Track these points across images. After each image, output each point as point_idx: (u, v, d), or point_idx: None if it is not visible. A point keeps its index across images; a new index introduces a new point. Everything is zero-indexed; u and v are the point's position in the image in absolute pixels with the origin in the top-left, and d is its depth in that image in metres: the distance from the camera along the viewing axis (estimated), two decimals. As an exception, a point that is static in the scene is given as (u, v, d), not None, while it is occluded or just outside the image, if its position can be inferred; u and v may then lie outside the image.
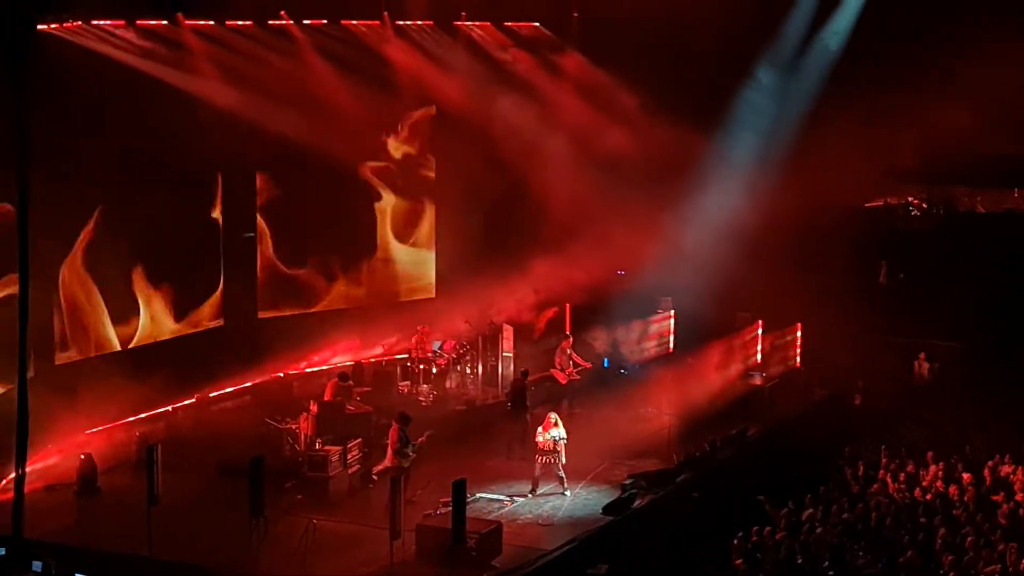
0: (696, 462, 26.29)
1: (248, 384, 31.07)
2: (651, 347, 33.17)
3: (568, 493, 24.65)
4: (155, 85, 28.35)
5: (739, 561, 21.35)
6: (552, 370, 30.02)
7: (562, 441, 24.69)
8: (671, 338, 33.57)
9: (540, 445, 24.71)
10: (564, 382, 29.80)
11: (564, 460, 24.70)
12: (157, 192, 28.75)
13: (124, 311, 29.07)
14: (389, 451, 24.22)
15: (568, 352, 30.05)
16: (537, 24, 34.20)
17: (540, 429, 24.83)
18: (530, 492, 24.67)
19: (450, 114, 32.86)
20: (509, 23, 33.97)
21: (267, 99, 30.07)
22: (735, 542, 22.13)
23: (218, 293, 31.57)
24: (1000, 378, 30.97)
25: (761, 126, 33.42)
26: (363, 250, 34.32)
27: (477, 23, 33.66)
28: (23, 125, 18.10)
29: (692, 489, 25.29)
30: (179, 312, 30.51)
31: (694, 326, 32.51)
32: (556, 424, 24.79)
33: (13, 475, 21.86)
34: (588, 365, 30.30)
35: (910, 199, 37.86)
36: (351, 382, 28.52)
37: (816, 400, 31.38)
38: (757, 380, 31.37)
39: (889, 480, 25.33)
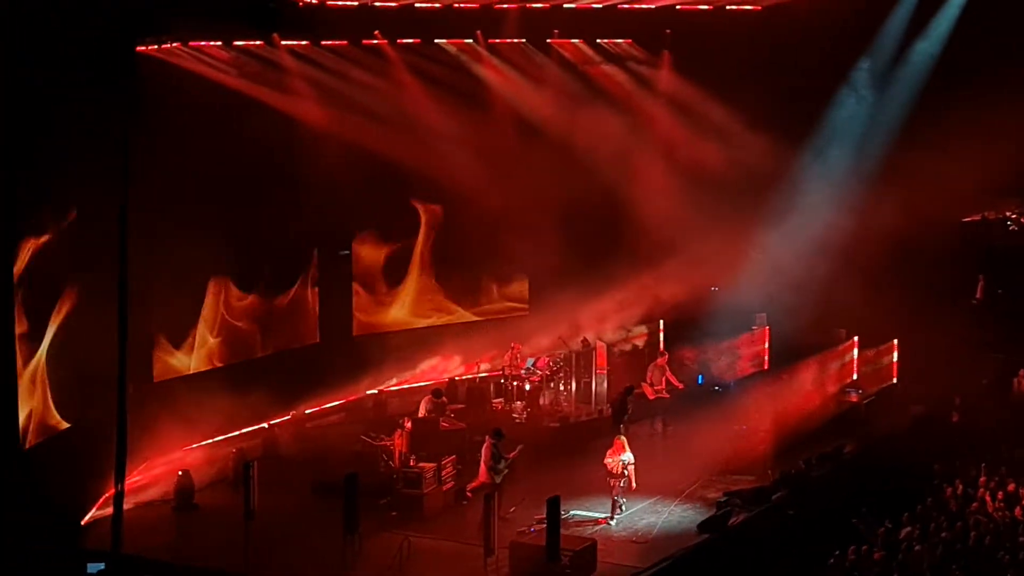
0: (792, 480, 26.07)
1: (343, 401, 31.28)
2: (745, 364, 32.96)
3: (613, 523, 24.11)
4: (252, 104, 28.65)
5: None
6: (643, 384, 29.93)
7: (631, 465, 24.40)
8: (766, 355, 33.33)
9: (609, 468, 24.48)
10: (652, 397, 29.73)
11: (635, 484, 24.45)
12: (255, 209, 29.12)
13: (221, 327, 29.36)
14: (482, 467, 24.26)
15: (663, 368, 29.96)
16: (630, 40, 34.15)
17: (609, 452, 24.59)
18: (620, 509, 24.50)
19: (543, 130, 32.85)
20: (602, 40, 33.95)
21: (362, 118, 30.28)
22: (831, 561, 21.91)
23: (314, 310, 31.81)
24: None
25: (856, 139, 33.11)
26: (454, 267, 34.40)
27: (570, 40, 33.67)
28: (125, 146, 18.41)
29: (788, 507, 25.08)
30: (276, 329, 30.79)
31: (789, 342, 32.25)
32: (625, 448, 24.56)
33: (112, 491, 22.17)
34: (680, 385, 30.14)
35: (1008, 213, 37.27)
36: (444, 398, 28.62)
37: (913, 417, 30.94)
38: (853, 397, 31.07)
39: (988, 499, 24.93)
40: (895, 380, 32.44)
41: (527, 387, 30.88)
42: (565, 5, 32.09)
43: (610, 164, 32.44)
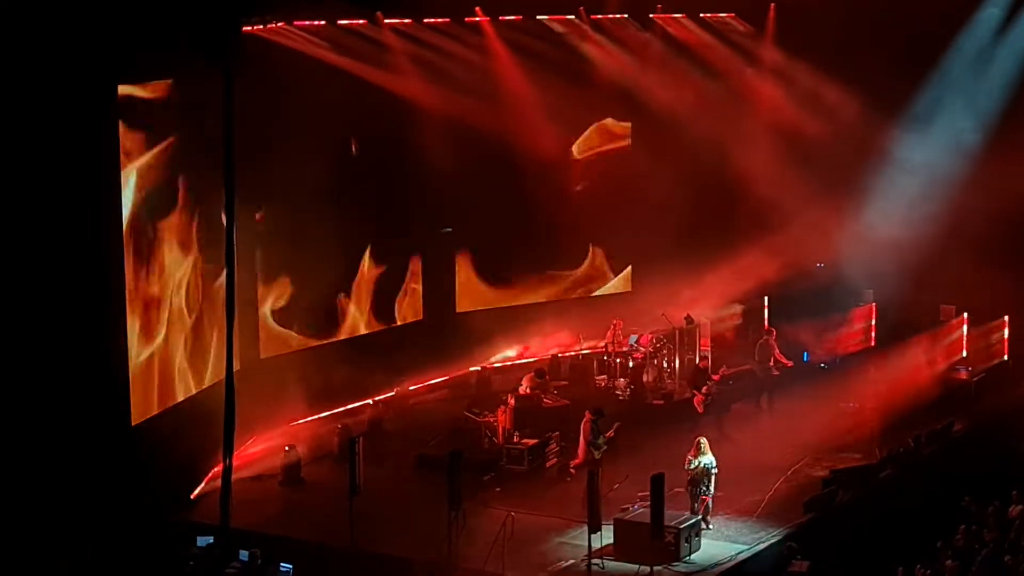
0: (900, 458, 25.77)
1: (447, 377, 31.38)
2: (852, 340, 32.61)
3: (711, 527, 22.84)
4: (353, 83, 28.74)
5: (949, 561, 20.79)
6: (750, 363, 29.68)
7: (713, 471, 22.77)
8: (873, 331, 32.94)
9: (689, 474, 22.86)
10: (761, 376, 29.46)
11: (714, 490, 22.91)
12: (359, 188, 29.25)
13: (326, 305, 29.54)
14: (581, 444, 24.22)
15: (771, 345, 29.63)
16: (732, 14, 33.86)
17: (689, 456, 22.99)
18: (705, 525, 22.86)
19: (646, 107, 32.67)
20: (704, 14, 33.69)
21: (464, 96, 30.26)
22: (939, 543, 21.62)
23: (418, 287, 31.90)
24: None
25: (967, 109, 32.46)
26: (557, 246, 34.30)
27: (672, 15, 33.46)
28: (229, 124, 18.46)
29: (896, 485, 24.80)
30: (379, 306, 30.94)
31: (897, 318, 31.89)
32: (704, 450, 22.90)
33: (221, 466, 22.40)
34: (789, 363, 29.68)
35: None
36: (548, 377, 28.62)
37: (1024, 395, 30.50)
38: (962, 374, 30.63)
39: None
40: (1006, 357, 31.93)
41: (630, 364, 30.80)
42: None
43: (714, 139, 32.21)
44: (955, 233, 30.92)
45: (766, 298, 32.47)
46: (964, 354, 31.49)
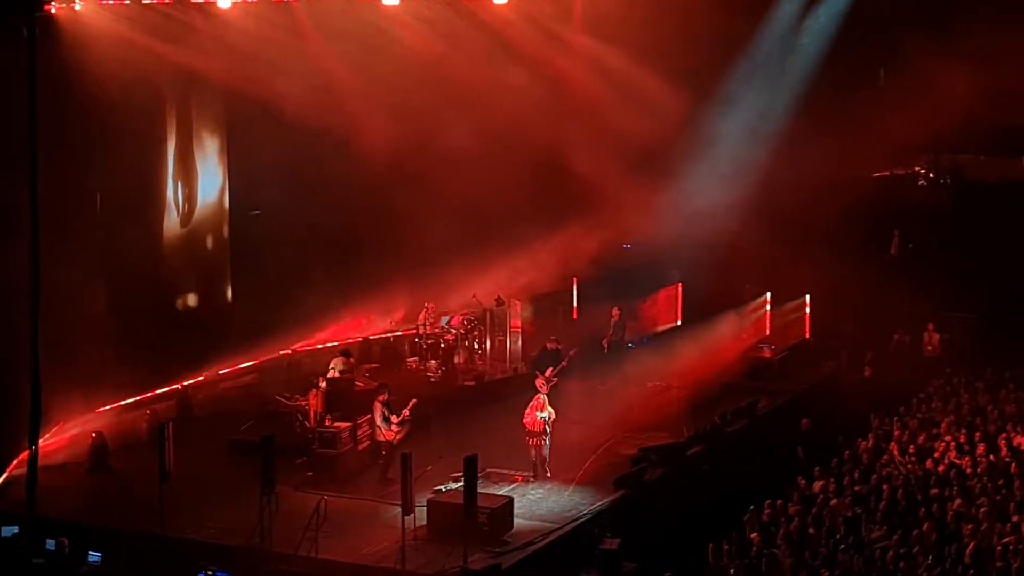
0: (706, 435, 26.28)
1: (257, 361, 31.05)
2: (658, 320, 33.12)
3: (547, 473, 24.25)
4: (166, 64, 28.22)
5: (754, 535, 21.31)
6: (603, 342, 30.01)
7: (549, 424, 24.23)
8: (679, 310, 33.51)
9: (528, 427, 24.28)
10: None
11: (549, 443, 24.28)
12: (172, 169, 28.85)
13: (137, 289, 29.00)
14: (375, 428, 24.30)
15: (624, 323, 30.10)
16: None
17: (527, 411, 24.32)
18: (532, 477, 24.34)
19: (457, 88, 32.65)
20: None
21: (275, 77, 29.89)
22: (747, 516, 22.14)
23: (228, 270, 31.51)
24: (1013, 349, 30.64)
25: (764, 97, 33.16)
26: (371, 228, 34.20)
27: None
28: (33, 109, 18.04)
29: (703, 462, 25.29)
30: (188, 290, 30.50)
31: (702, 298, 32.47)
32: (544, 405, 24.31)
33: (25, 453, 21.92)
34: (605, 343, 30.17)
35: (917, 169, 37.67)
36: (353, 360, 28.47)
37: (825, 372, 31.32)
38: (766, 352, 31.36)
39: (896, 452, 25.22)
40: (807, 335, 32.75)
41: (442, 346, 30.87)
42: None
43: (526, 124, 32.30)
44: (758, 214, 31.60)
45: (574, 279, 32.79)
46: (767, 332, 32.23)
